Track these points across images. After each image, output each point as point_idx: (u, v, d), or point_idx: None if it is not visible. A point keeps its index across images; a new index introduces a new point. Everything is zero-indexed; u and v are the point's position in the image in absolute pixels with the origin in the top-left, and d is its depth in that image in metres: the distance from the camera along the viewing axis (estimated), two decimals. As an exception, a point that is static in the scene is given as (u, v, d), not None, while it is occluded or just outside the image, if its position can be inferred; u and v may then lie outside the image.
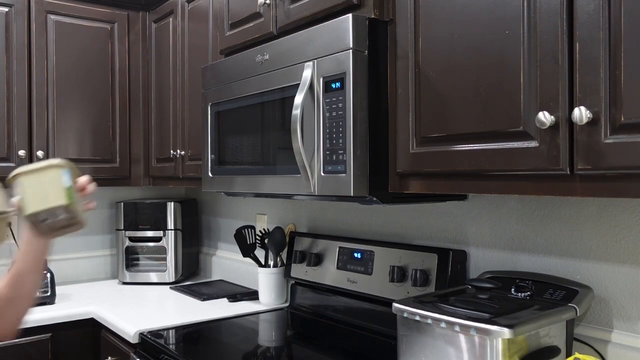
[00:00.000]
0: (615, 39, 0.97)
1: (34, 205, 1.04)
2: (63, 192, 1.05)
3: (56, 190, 1.05)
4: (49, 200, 1.04)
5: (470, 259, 1.70)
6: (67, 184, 1.06)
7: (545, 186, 1.10)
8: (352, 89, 1.38)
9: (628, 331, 1.33)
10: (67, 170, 1.10)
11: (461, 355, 1.24)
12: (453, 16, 1.25)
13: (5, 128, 2.39)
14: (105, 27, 2.68)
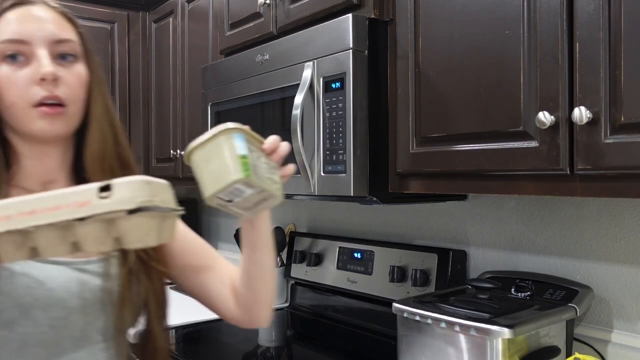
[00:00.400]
0: (615, 39, 0.97)
1: (209, 187, 0.79)
2: (237, 164, 0.77)
3: (228, 162, 0.77)
4: (222, 177, 0.77)
5: (470, 259, 1.70)
6: (241, 151, 0.78)
7: (545, 186, 1.10)
8: (352, 89, 1.38)
9: (628, 331, 1.33)
10: (239, 135, 0.80)
11: (461, 355, 1.24)
12: (453, 16, 1.25)
13: (6, 128, 2.39)
14: (105, 27, 2.68)
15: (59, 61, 0.83)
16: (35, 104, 0.81)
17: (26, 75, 0.81)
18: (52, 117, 0.81)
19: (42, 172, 0.88)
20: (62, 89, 0.82)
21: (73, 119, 0.85)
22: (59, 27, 0.85)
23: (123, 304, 0.87)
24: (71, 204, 0.64)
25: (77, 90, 0.84)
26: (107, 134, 0.88)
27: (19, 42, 0.81)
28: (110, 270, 0.88)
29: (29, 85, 0.80)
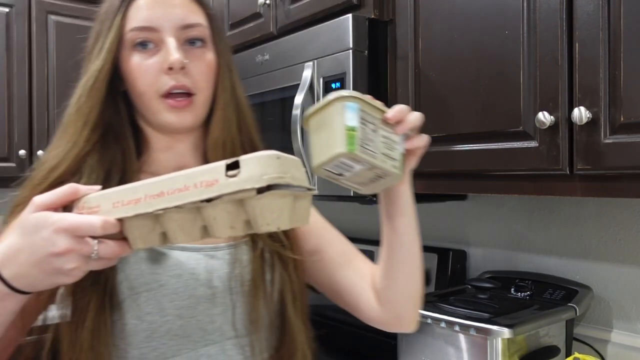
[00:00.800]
0: (614, 39, 0.97)
1: (316, 158, 0.73)
2: (343, 136, 0.70)
3: (337, 134, 0.70)
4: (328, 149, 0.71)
5: (470, 259, 1.70)
6: (350, 122, 0.70)
7: (545, 186, 1.10)
8: (352, 89, 1.38)
9: (628, 331, 1.33)
10: (353, 104, 0.72)
11: (461, 355, 1.24)
12: (453, 16, 1.25)
13: (6, 128, 2.39)
14: (105, 28, 2.67)
15: (187, 47, 0.81)
16: (163, 94, 0.79)
17: (154, 64, 0.79)
18: (179, 110, 0.80)
19: (173, 159, 0.86)
20: (190, 77, 0.80)
21: (201, 109, 0.83)
22: (187, 11, 0.81)
23: (255, 293, 0.81)
24: (199, 183, 0.58)
25: (205, 77, 0.82)
26: (232, 121, 0.84)
27: (148, 30, 0.79)
28: (240, 257, 0.82)
29: (157, 75, 0.79)
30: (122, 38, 0.80)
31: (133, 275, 0.77)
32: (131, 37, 0.80)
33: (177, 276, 0.78)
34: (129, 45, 0.80)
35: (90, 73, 0.81)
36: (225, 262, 0.82)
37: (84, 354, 0.74)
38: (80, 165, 0.78)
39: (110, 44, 0.80)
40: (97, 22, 0.84)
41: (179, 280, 0.78)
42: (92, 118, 0.79)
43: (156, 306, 0.76)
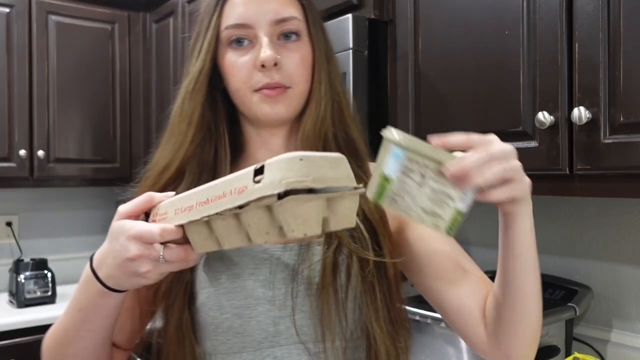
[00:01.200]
0: (614, 39, 0.97)
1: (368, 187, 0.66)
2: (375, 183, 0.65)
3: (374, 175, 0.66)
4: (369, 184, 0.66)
5: (470, 259, 1.70)
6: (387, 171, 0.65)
7: (544, 186, 1.10)
8: (352, 89, 1.39)
9: (627, 331, 1.33)
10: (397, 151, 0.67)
11: (461, 355, 1.24)
12: (453, 16, 1.25)
13: (6, 128, 2.39)
14: (105, 28, 2.68)
15: (282, 41, 0.81)
16: (256, 90, 0.80)
17: (248, 61, 0.79)
18: (273, 99, 0.79)
19: (265, 154, 0.80)
20: (283, 72, 0.79)
21: (296, 101, 0.82)
22: (281, 4, 0.81)
23: (324, 298, 0.76)
24: (233, 190, 0.58)
25: (299, 71, 0.81)
26: (326, 114, 0.82)
27: (242, 27, 0.80)
28: (310, 259, 0.78)
29: (251, 72, 0.79)
30: (219, 37, 0.81)
31: (199, 271, 0.80)
32: (227, 35, 0.81)
33: (235, 275, 0.78)
34: (225, 42, 0.81)
35: (191, 75, 0.83)
36: (292, 263, 0.79)
37: (173, 346, 0.79)
38: (185, 166, 0.81)
39: (208, 45, 0.81)
40: (197, 22, 0.86)
41: (236, 280, 0.78)
42: (195, 119, 0.82)
43: (215, 303, 0.77)
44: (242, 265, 0.78)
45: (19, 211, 2.71)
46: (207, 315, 0.78)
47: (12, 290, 2.36)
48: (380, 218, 0.82)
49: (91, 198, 2.89)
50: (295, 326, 0.77)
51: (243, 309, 0.76)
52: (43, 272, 2.38)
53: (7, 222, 2.66)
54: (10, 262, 2.53)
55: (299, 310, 0.77)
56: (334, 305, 0.76)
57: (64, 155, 2.53)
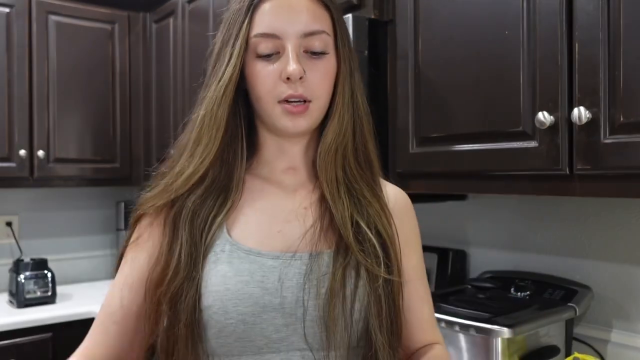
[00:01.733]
0: (614, 39, 0.97)
1: None
2: None
3: None
4: None
5: (470, 259, 1.70)
6: None
7: (544, 186, 1.10)
8: (352, 89, 1.39)
9: (627, 331, 1.33)
10: None
11: (461, 354, 1.24)
12: (453, 16, 1.25)
13: (6, 128, 2.39)
14: (105, 28, 2.68)
15: (308, 55, 0.81)
16: (280, 101, 0.80)
17: (274, 72, 0.80)
18: (295, 115, 0.81)
19: (284, 162, 0.88)
20: (307, 85, 0.80)
21: (317, 114, 0.83)
22: (312, 17, 0.81)
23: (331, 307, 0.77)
24: None
25: (323, 85, 0.82)
26: (347, 128, 0.84)
27: (271, 37, 0.80)
28: (319, 268, 0.79)
29: (276, 82, 0.80)
30: (248, 43, 0.81)
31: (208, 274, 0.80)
32: (255, 43, 0.81)
33: (243, 282, 0.78)
34: (252, 49, 0.81)
35: (223, 80, 0.82)
36: (302, 271, 0.79)
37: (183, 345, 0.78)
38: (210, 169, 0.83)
39: (238, 51, 0.81)
40: (224, 26, 0.85)
41: (244, 287, 0.78)
42: (224, 124, 0.82)
43: (221, 307, 0.77)
44: (251, 272, 0.79)
45: (19, 211, 2.71)
46: (211, 318, 0.78)
47: (12, 290, 2.36)
48: (392, 235, 0.84)
49: (91, 198, 2.89)
50: (301, 334, 0.77)
51: (249, 315, 0.77)
52: (43, 272, 2.38)
53: (7, 222, 2.66)
54: (10, 262, 2.53)
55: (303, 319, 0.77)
56: (341, 315, 0.77)
57: (64, 155, 2.53)
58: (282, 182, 0.87)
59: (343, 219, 0.81)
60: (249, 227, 0.83)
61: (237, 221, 0.83)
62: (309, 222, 0.83)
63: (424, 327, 0.91)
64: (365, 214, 0.83)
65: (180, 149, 0.85)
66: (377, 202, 0.85)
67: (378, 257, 0.81)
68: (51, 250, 2.73)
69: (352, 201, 0.83)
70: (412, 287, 0.89)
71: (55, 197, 2.81)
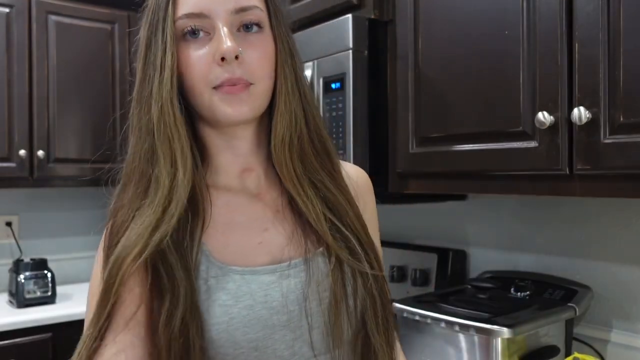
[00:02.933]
0: (614, 39, 0.97)
1: None
2: None
3: None
4: None
5: (470, 259, 1.70)
6: None
7: (544, 186, 1.10)
8: (352, 89, 1.39)
9: (627, 331, 1.33)
10: None
11: (461, 354, 1.24)
12: (453, 16, 1.25)
13: (6, 128, 2.39)
14: (105, 28, 2.68)
15: (242, 33, 0.73)
16: (216, 86, 0.71)
17: (206, 55, 0.71)
18: (236, 97, 0.71)
19: (236, 163, 0.78)
20: (245, 67, 0.71)
21: (259, 99, 0.73)
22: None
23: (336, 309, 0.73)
24: None
25: (262, 66, 0.73)
26: (297, 114, 0.75)
27: (198, 16, 0.71)
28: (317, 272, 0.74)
29: (209, 66, 0.71)
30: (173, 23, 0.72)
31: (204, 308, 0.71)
32: (180, 26, 0.72)
33: (248, 307, 0.71)
34: (178, 33, 0.72)
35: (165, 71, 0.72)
36: (301, 280, 0.74)
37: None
38: None
39: (171, 35, 0.72)
40: (148, 13, 0.77)
41: (250, 312, 0.71)
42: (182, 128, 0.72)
43: (229, 339, 0.70)
44: (252, 294, 0.71)
45: (19, 211, 2.71)
46: (218, 353, 0.70)
47: (12, 290, 2.36)
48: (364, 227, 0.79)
49: (91, 198, 2.89)
50: (308, 343, 0.73)
51: (260, 341, 0.71)
52: (43, 272, 2.38)
53: (7, 222, 2.66)
54: (10, 262, 2.52)
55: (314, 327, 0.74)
56: (345, 315, 0.74)
57: (64, 155, 2.53)
58: (243, 187, 0.78)
59: (317, 218, 0.74)
60: (229, 245, 0.74)
61: (215, 240, 0.74)
62: (288, 226, 0.77)
63: None
64: (336, 210, 0.76)
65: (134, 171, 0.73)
66: (342, 195, 0.78)
67: (358, 254, 0.76)
68: (51, 250, 2.73)
69: (319, 197, 0.76)
70: None
71: (55, 197, 2.81)
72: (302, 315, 0.73)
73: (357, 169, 0.90)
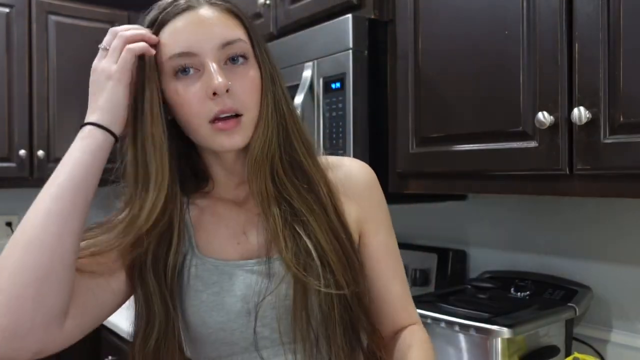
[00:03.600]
0: (614, 39, 0.97)
1: None
2: None
3: None
4: None
5: (470, 259, 1.70)
6: None
7: (544, 186, 1.10)
8: (352, 89, 1.39)
9: (627, 331, 1.33)
10: None
11: (461, 355, 1.24)
12: (453, 16, 1.25)
13: (6, 128, 2.39)
14: (105, 28, 2.62)
15: (229, 66, 0.79)
16: (211, 120, 0.78)
17: (198, 92, 0.77)
18: (228, 132, 0.79)
19: (232, 178, 0.88)
20: (235, 97, 0.78)
21: (249, 129, 0.81)
22: (225, 27, 0.79)
23: (294, 306, 0.81)
24: None
25: (250, 97, 0.80)
26: (272, 137, 0.82)
27: (188, 55, 0.77)
28: (278, 271, 0.82)
29: (202, 102, 0.77)
30: (161, 66, 0.79)
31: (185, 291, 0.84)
32: (171, 65, 0.78)
33: (215, 294, 0.82)
34: (169, 72, 0.79)
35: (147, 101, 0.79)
36: (265, 275, 0.82)
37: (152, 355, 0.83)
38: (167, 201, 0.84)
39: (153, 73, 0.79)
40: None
41: (217, 298, 0.82)
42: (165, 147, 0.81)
43: (200, 320, 0.82)
44: (220, 283, 0.82)
45: (19, 211, 2.71)
46: (195, 331, 0.83)
47: (12, 290, 2.36)
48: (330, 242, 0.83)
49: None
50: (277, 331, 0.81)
51: (225, 323, 0.81)
52: (43, 272, 2.38)
53: (7, 222, 2.66)
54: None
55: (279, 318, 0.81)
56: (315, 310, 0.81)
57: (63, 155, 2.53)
58: (236, 196, 0.89)
59: (274, 232, 0.81)
60: (212, 243, 0.86)
61: (202, 238, 0.86)
62: (264, 230, 0.84)
63: (395, 305, 0.92)
64: (301, 226, 0.82)
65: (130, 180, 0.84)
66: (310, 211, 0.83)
67: (313, 269, 0.80)
68: (51, 250, 2.73)
69: (286, 212, 0.82)
70: (379, 264, 0.90)
71: (55, 197, 2.81)
72: (266, 306, 0.81)
73: (359, 168, 0.93)
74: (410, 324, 0.92)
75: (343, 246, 0.83)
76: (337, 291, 0.80)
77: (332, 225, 0.83)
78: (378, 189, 0.93)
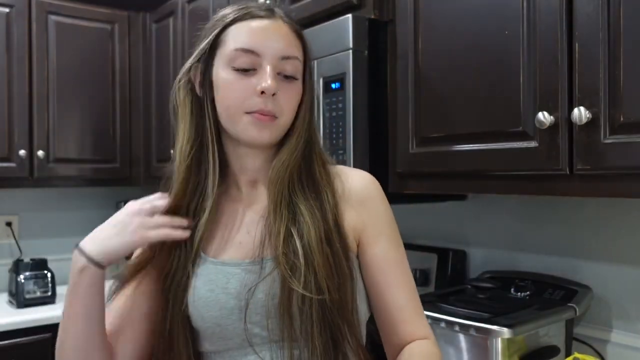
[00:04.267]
0: (614, 39, 0.97)
1: None
2: None
3: None
4: None
5: (470, 259, 1.70)
6: None
7: (544, 186, 1.10)
8: (352, 89, 1.39)
9: (627, 331, 1.33)
10: None
11: (461, 355, 1.24)
12: (453, 16, 1.25)
13: (6, 128, 2.39)
14: (105, 28, 2.68)
15: (281, 77, 0.87)
16: (248, 112, 0.85)
17: (249, 85, 0.85)
18: (262, 124, 0.86)
19: (245, 174, 0.93)
20: (277, 103, 0.86)
21: (280, 130, 0.89)
22: (289, 43, 0.88)
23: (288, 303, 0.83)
24: None
25: (289, 106, 0.88)
26: (300, 150, 0.90)
27: (251, 53, 0.85)
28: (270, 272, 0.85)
29: (248, 94, 0.85)
30: (224, 52, 0.87)
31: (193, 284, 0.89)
32: (233, 56, 0.86)
33: (210, 291, 0.87)
34: (229, 61, 0.86)
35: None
36: (259, 275, 0.86)
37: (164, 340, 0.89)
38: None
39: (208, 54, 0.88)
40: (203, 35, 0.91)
41: (211, 295, 0.86)
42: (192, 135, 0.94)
43: (198, 314, 0.87)
44: (216, 281, 0.87)
45: (19, 211, 2.71)
46: (195, 324, 0.89)
47: (12, 290, 2.36)
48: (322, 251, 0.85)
49: (91, 198, 2.89)
50: (268, 329, 0.84)
51: (219, 319, 0.86)
52: (43, 272, 2.38)
53: (7, 222, 2.66)
54: (10, 262, 2.53)
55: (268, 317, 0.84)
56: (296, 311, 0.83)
57: (64, 155, 2.53)
58: (245, 196, 0.93)
59: (277, 234, 0.85)
60: (216, 242, 0.91)
61: (209, 238, 0.91)
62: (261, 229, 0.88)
63: (397, 317, 0.91)
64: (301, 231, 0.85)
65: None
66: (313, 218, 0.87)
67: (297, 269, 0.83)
68: (51, 250, 2.73)
69: (290, 216, 0.87)
70: (379, 274, 0.91)
71: (55, 197, 2.81)
72: (256, 304, 0.85)
73: (361, 179, 0.96)
74: (419, 338, 0.91)
75: (334, 253, 0.85)
76: (317, 295, 0.82)
77: (327, 232, 0.86)
78: (381, 201, 0.95)
